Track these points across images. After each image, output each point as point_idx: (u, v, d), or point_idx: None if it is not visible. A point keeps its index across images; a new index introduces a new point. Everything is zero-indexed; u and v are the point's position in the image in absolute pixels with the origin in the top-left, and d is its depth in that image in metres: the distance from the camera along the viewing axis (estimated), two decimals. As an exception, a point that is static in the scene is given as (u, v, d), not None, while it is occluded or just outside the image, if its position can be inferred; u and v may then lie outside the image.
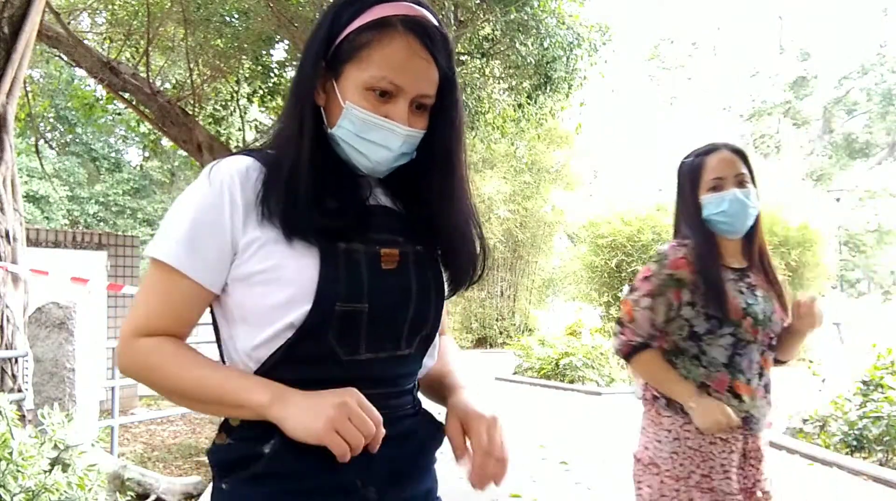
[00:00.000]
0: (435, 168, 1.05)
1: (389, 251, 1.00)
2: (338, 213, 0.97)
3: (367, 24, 0.96)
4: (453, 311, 18.49)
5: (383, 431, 0.92)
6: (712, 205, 1.82)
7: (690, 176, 1.88)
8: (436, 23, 1.00)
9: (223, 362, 1.02)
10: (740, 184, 1.82)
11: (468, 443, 1.00)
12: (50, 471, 2.60)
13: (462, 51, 8.54)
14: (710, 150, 1.88)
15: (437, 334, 1.08)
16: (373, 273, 0.97)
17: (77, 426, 2.94)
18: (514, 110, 8.70)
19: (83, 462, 2.80)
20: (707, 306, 1.76)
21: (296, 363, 0.94)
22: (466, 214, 1.08)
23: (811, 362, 8.82)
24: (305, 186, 0.95)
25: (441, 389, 1.13)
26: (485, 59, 8.33)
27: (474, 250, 1.09)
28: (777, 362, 1.94)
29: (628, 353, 1.84)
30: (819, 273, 14.31)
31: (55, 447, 2.77)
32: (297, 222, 0.94)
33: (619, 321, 1.86)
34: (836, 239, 23.31)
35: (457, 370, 1.16)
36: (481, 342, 18.10)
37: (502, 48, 8.18)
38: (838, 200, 25.91)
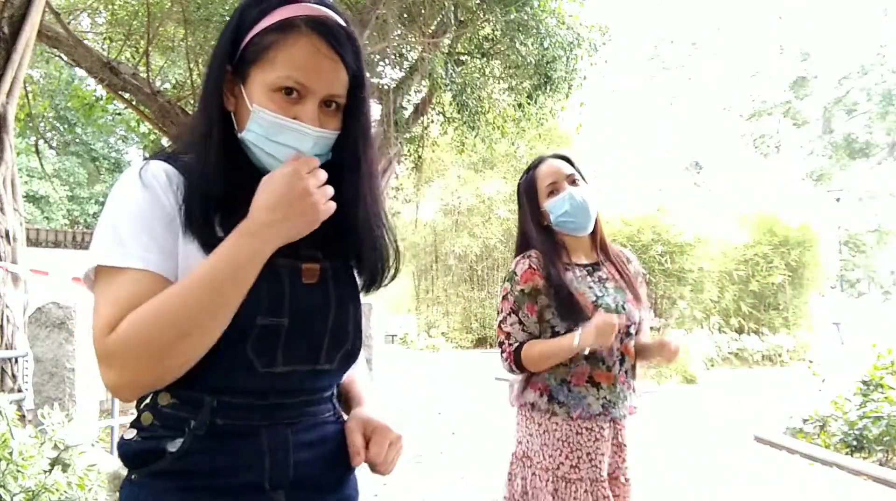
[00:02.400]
0: (344, 168, 1.03)
1: (310, 266, 1.00)
2: None
3: (271, 26, 0.95)
4: (453, 311, 18.46)
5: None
6: (556, 207, 1.94)
7: (527, 190, 2.03)
8: (342, 22, 0.98)
9: None
10: (573, 183, 1.96)
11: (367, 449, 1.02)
12: (50, 471, 2.60)
13: (462, 51, 8.53)
14: (539, 162, 2.04)
15: (360, 350, 1.08)
16: (294, 288, 0.97)
17: (77, 426, 2.94)
18: (515, 110, 8.69)
19: (83, 462, 2.79)
20: (559, 306, 1.87)
21: (211, 370, 0.92)
22: (377, 214, 1.08)
23: (811, 362, 8.82)
24: (221, 199, 0.94)
25: (347, 397, 1.14)
26: (485, 59, 8.33)
27: (386, 250, 1.10)
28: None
29: (514, 361, 1.92)
30: (819, 273, 14.33)
31: (55, 447, 2.77)
32: (217, 240, 0.91)
33: (500, 344, 1.96)
34: (836, 239, 23.30)
35: (364, 380, 1.18)
36: (481, 342, 18.08)
37: (502, 48, 8.17)
38: (838, 200, 25.93)
